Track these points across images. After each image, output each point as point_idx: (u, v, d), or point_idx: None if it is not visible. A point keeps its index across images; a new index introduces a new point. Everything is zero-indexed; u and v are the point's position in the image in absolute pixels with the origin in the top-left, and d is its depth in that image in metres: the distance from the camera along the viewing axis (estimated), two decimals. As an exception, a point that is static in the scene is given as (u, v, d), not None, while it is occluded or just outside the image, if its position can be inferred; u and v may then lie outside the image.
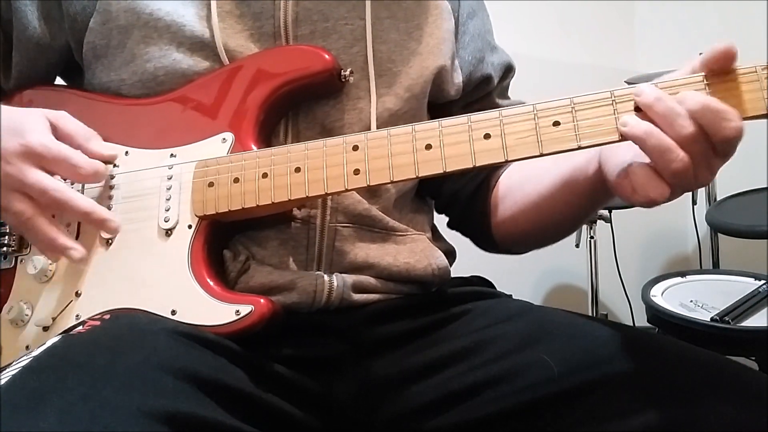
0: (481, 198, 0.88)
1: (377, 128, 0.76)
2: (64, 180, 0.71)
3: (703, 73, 0.61)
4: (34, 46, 0.80)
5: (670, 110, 0.58)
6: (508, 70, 0.93)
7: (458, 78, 0.87)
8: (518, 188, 0.84)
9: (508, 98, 0.94)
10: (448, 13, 0.86)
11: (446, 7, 0.86)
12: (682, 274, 1.66)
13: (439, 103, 0.86)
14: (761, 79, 0.59)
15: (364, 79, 0.78)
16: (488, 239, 0.90)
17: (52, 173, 0.68)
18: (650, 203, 0.61)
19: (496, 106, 0.91)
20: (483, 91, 0.90)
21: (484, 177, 0.88)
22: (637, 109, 0.61)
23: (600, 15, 2.50)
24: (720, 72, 0.60)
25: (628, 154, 0.63)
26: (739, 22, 2.23)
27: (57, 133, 0.70)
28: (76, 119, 0.73)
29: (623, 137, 0.61)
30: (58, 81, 0.89)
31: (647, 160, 0.60)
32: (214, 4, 0.76)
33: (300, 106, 0.77)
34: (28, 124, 0.69)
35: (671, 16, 2.48)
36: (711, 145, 0.58)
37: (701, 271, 1.81)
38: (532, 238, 0.88)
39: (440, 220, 0.94)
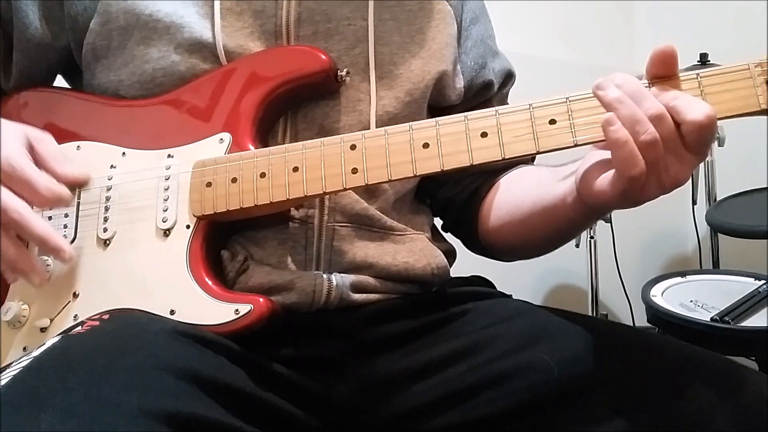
0: (473, 206, 0.88)
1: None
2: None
3: (696, 71, 0.61)
4: (34, 46, 0.81)
5: (633, 112, 0.58)
6: (508, 77, 0.93)
7: (460, 83, 0.87)
8: (504, 205, 0.85)
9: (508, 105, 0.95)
10: (451, 18, 0.86)
11: (449, 11, 0.85)
12: (682, 274, 1.66)
13: (440, 107, 0.86)
14: (754, 76, 0.60)
15: (364, 81, 0.78)
16: (477, 245, 0.90)
17: (16, 192, 0.68)
18: (630, 182, 0.60)
19: None
20: (483, 97, 0.90)
21: (478, 185, 0.88)
22: None
23: (600, 15, 2.50)
24: (665, 76, 0.60)
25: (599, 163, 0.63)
26: (739, 22, 2.23)
27: (33, 153, 0.71)
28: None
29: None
30: (59, 81, 0.89)
31: None
32: (217, 3, 0.76)
33: (299, 107, 0.77)
34: (4, 140, 0.69)
35: (671, 16, 2.48)
36: (679, 132, 0.58)
37: (701, 271, 1.81)
38: (518, 251, 0.88)
39: (440, 222, 0.94)
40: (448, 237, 0.93)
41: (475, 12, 0.91)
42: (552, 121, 0.63)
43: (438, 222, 0.94)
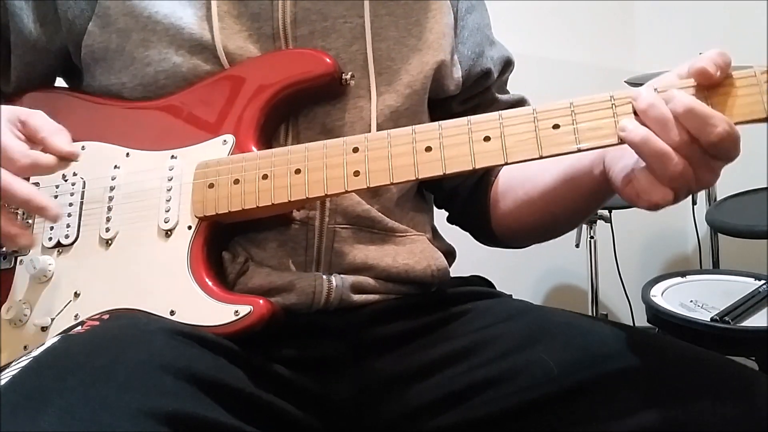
0: (481, 193, 0.88)
1: (378, 126, 0.77)
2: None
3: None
4: (30, 49, 0.81)
5: (663, 116, 0.58)
6: (507, 65, 0.93)
7: (458, 73, 0.86)
8: (519, 185, 0.84)
9: (507, 93, 0.94)
10: (447, 8, 0.86)
11: (445, 1, 0.85)
12: (682, 274, 1.66)
13: (439, 98, 0.86)
14: (760, 83, 0.59)
15: (364, 77, 0.78)
16: (488, 233, 0.90)
17: None
18: (655, 207, 0.61)
19: (495, 100, 0.91)
20: (482, 86, 0.90)
21: (484, 173, 0.88)
22: (637, 113, 0.61)
23: (600, 15, 2.50)
24: (709, 85, 0.59)
25: (633, 157, 0.63)
26: (739, 22, 2.23)
27: (25, 128, 0.72)
28: (55, 119, 0.74)
29: (622, 141, 0.61)
30: (60, 82, 0.89)
31: None
32: (214, 5, 0.76)
33: (300, 107, 0.77)
34: None
35: (671, 16, 2.48)
36: (704, 149, 0.58)
37: (701, 271, 1.81)
38: (532, 233, 0.88)
39: (440, 221, 0.94)
40: (449, 237, 0.93)
41: (471, 1, 0.91)
42: (556, 126, 0.62)
43: (442, 216, 0.94)
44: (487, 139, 0.64)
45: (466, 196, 0.90)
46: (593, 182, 0.72)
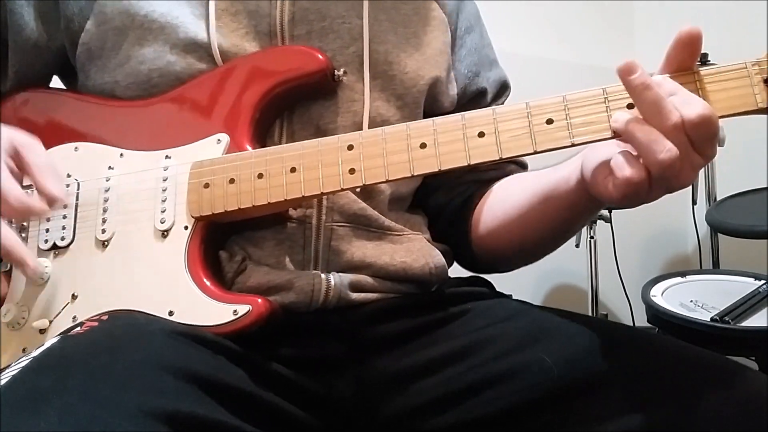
0: (464, 213, 0.88)
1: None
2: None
3: (693, 70, 0.61)
4: (30, 47, 0.81)
5: (657, 96, 0.58)
6: (503, 88, 0.93)
7: (453, 90, 0.87)
8: (499, 203, 0.84)
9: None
10: (445, 26, 0.86)
11: (443, 19, 0.86)
12: (682, 274, 1.66)
13: (434, 114, 0.86)
14: (751, 74, 0.59)
15: (359, 81, 0.78)
16: (468, 257, 0.90)
17: None
18: (627, 184, 0.60)
19: None
20: (477, 105, 0.89)
21: (471, 192, 0.88)
22: (629, 107, 0.61)
23: (599, 15, 2.51)
24: (684, 67, 0.60)
25: (608, 154, 0.63)
26: (739, 22, 2.23)
27: (18, 159, 0.69)
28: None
29: (615, 133, 0.61)
30: (56, 82, 0.88)
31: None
32: (212, 3, 0.76)
33: (295, 107, 0.77)
34: None
35: (671, 16, 2.48)
36: (688, 137, 0.58)
37: (701, 271, 1.81)
38: (513, 254, 0.87)
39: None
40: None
41: (471, 21, 0.91)
42: (549, 121, 0.63)
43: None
44: (481, 134, 0.64)
45: (450, 216, 0.89)
46: (571, 192, 0.71)
